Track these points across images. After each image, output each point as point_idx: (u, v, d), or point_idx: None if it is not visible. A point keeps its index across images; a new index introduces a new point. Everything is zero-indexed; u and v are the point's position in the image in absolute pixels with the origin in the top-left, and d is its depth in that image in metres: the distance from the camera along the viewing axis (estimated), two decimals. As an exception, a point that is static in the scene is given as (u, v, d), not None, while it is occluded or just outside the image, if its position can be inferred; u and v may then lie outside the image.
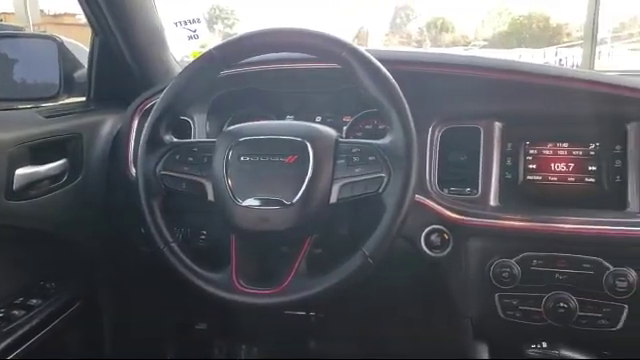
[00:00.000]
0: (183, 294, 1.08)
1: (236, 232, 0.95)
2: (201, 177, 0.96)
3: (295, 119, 1.28)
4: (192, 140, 1.24)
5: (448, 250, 1.09)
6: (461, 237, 1.08)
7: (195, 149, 0.99)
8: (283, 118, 1.30)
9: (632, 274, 0.99)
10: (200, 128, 1.29)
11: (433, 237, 1.09)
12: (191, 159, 0.98)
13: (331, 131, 0.97)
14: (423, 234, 1.09)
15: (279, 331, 1.59)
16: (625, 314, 1.02)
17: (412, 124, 0.89)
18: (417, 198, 1.04)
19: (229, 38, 1.00)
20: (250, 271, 0.94)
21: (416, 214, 1.02)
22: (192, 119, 1.30)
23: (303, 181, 0.89)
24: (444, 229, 1.09)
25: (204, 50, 1.00)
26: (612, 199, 1.05)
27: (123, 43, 1.31)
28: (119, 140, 1.29)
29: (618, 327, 1.02)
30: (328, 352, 1.65)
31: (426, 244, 1.10)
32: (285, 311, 1.39)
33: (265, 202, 0.90)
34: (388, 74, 0.91)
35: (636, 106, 1.04)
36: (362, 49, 0.92)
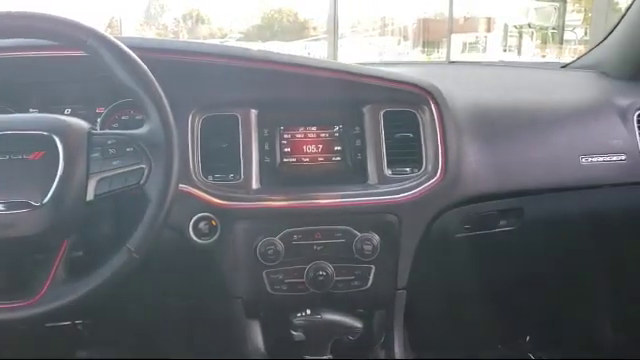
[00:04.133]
0: None
1: None
2: None
3: (40, 112, 1.16)
4: None
5: (217, 236, 1.11)
6: (228, 221, 1.12)
7: None
8: (26, 112, 1.17)
9: (375, 238, 1.15)
10: None
11: (201, 225, 1.10)
12: None
13: (82, 123, 0.91)
14: (191, 223, 1.10)
15: (42, 346, 1.45)
16: (372, 273, 1.17)
17: (169, 112, 0.88)
18: (182, 187, 1.04)
19: None
20: None
21: (182, 203, 1.03)
22: None
23: (53, 179, 0.82)
24: (211, 216, 1.11)
25: None
26: (355, 174, 1.18)
27: None
28: None
29: (368, 286, 1.17)
30: None
31: (195, 232, 1.11)
32: (46, 323, 1.27)
33: (8, 206, 0.81)
34: (139, 61, 0.88)
35: (369, 91, 1.17)
36: (109, 35, 0.88)
